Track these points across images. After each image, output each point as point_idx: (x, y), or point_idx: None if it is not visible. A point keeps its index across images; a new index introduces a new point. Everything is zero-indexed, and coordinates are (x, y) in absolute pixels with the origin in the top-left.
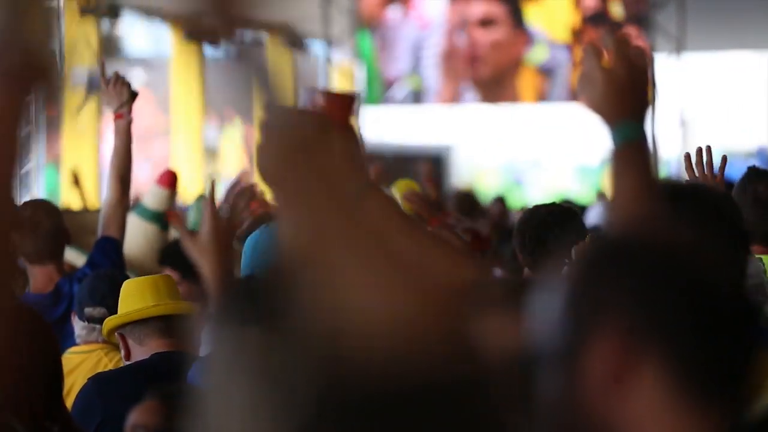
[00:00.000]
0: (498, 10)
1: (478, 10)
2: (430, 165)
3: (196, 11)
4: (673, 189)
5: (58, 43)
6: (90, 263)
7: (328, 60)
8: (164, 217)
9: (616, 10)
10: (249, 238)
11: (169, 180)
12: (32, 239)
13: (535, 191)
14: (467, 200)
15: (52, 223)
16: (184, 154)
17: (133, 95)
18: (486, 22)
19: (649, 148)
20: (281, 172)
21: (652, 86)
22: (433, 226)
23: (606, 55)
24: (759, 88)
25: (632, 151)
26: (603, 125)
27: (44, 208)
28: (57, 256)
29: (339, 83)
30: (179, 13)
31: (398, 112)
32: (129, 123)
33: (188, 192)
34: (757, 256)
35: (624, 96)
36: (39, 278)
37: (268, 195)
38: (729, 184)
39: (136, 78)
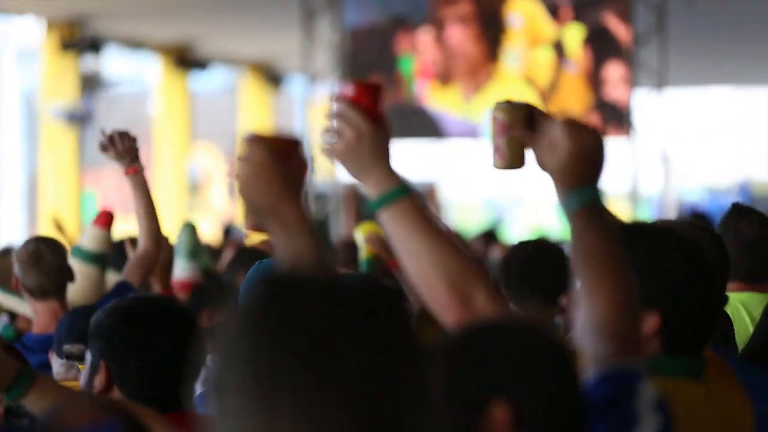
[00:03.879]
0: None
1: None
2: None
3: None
4: (637, 229)
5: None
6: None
7: (308, 97)
8: (103, 258)
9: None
10: (250, 271)
11: (106, 220)
12: (36, 274)
13: (517, 227)
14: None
15: (56, 259)
16: (167, 186)
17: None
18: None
19: (604, 208)
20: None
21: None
22: (394, 268)
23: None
24: (740, 123)
25: (591, 213)
26: (558, 190)
27: (47, 243)
28: (61, 292)
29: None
30: (166, 41)
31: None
32: (143, 174)
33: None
34: (734, 293)
35: (585, 164)
36: (42, 315)
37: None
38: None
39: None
